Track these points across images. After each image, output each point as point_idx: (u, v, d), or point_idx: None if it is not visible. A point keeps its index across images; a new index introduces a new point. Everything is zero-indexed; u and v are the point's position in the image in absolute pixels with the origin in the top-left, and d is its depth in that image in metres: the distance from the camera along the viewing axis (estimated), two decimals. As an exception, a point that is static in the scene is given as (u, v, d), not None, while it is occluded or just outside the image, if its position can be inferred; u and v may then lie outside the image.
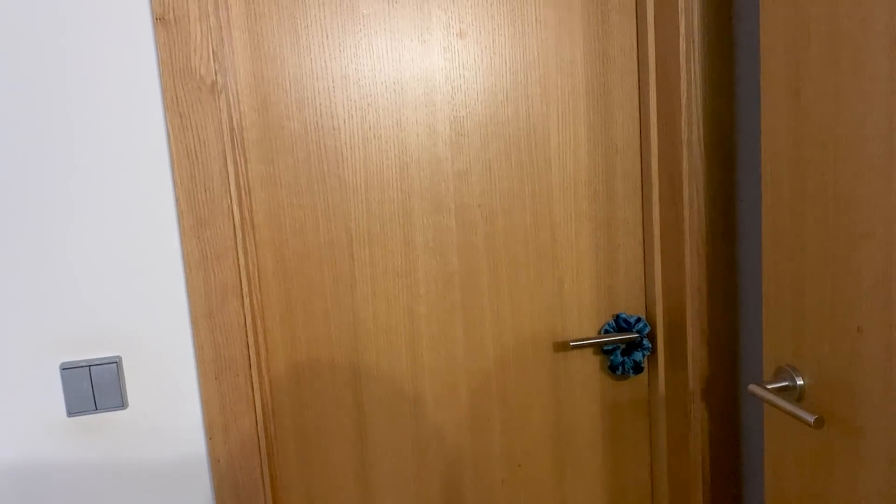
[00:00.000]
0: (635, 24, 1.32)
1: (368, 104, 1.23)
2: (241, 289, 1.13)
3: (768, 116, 1.01)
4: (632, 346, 1.37)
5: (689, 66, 1.22)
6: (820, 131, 0.91)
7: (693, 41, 1.22)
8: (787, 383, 1.01)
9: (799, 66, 0.94)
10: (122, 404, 1.11)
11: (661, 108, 1.29)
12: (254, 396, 1.15)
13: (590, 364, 1.40)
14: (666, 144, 1.29)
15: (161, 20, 1.05)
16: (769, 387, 1.01)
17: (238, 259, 1.12)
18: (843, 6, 0.86)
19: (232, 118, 1.15)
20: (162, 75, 1.06)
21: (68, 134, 1.05)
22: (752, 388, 1.01)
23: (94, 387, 1.09)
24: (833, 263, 0.92)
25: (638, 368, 1.37)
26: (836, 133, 0.89)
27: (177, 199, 1.09)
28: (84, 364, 1.09)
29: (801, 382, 1.00)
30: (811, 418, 0.91)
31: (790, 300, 1.00)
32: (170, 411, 1.14)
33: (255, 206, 1.20)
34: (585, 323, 1.38)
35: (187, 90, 1.07)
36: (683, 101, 1.23)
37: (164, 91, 1.06)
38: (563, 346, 1.38)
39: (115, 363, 1.10)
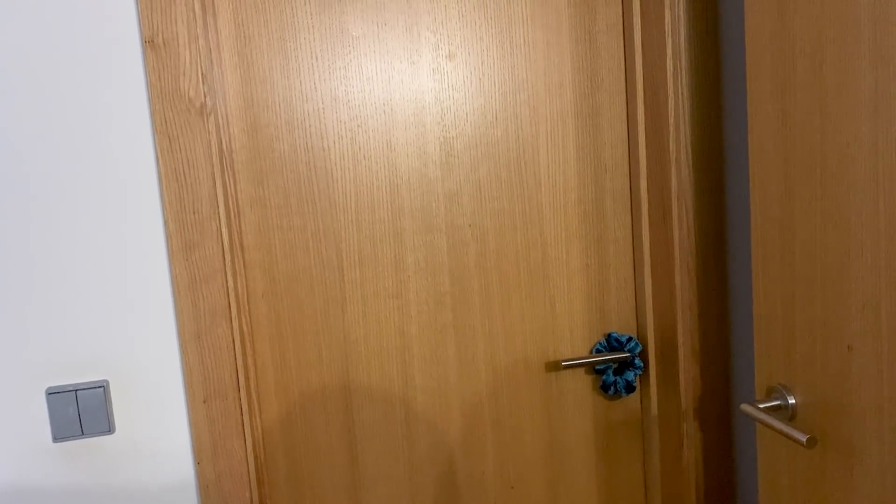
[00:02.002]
0: (623, 46, 1.33)
1: (358, 125, 1.23)
2: (230, 311, 1.12)
3: (756, 137, 1.01)
4: (624, 365, 1.37)
5: (676, 86, 1.23)
6: (807, 151, 0.92)
7: (680, 62, 1.23)
8: (778, 402, 1.01)
9: (785, 86, 0.95)
10: (109, 429, 1.09)
11: (650, 128, 1.30)
12: (243, 420, 1.14)
13: (582, 384, 1.39)
14: (654, 164, 1.30)
15: (150, 43, 1.05)
16: (761, 406, 1.01)
17: (227, 281, 1.11)
18: (828, 28, 0.87)
19: (221, 140, 1.15)
20: (151, 98, 1.06)
21: (56, 156, 1.05)
22: (744, 407, 1.01)
23: (81, 411, 1.07)
24: (822, 283, 0.92)
25: (630, 388, 1.36)
26: (823, 153, 0.89)
27: (165, 222, 1.08)
28: (70, 388, 1.07)
29: (793, 401, 0.99)
30: (803, 438, 0.91)
31: (781, 319, 1.00)
32: (158, 436, 1.12)
33: (245, 228, 1.20)
34: (577, 342, 1.38)
35: (176, 113, 1.07)
36: (671, 121, 1.24)
37: (152, 114, 1.06)
38: (555, 366, 1.37)
39: (103, 387, 1.08)
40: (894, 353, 0.83)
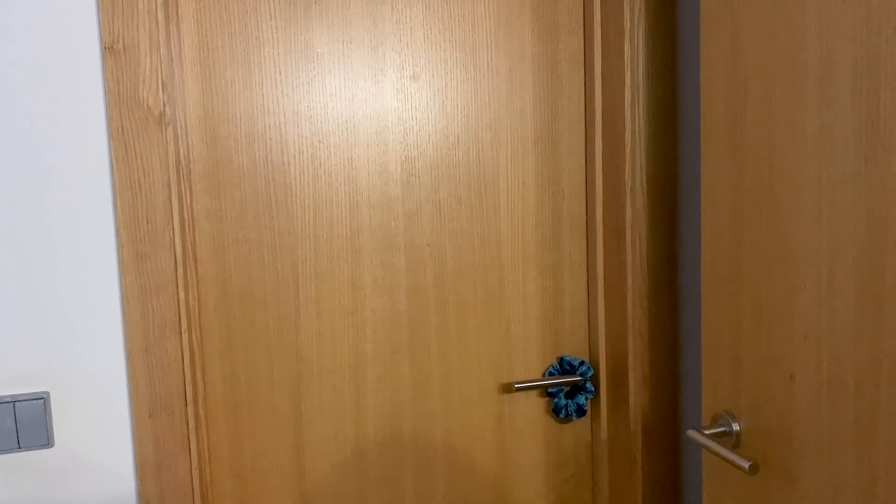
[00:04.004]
0: (583, 75, 1.36)
1: (320, 140, 1.23)
2: (181, 324, 1.10)
3: (708, 169, 1.04)
4: (575, 388, 1.38)
5: (634, 116, 1.27)
6: (756, 185, 0.95)
7: (638, 93, 1.27)
8: (724, 429, 1.03)
9: (737, 121, 0.98)
10: (48, 443, 1.06)
11: (607, 157, 1.33)
12: (189, 436, 1.11)
13: (534, 407, 1.40)
14: (610, 192, 1.32)
15: (110, 49, 1.03)
16: (707, 432, 1.03)
17: (178, 294, 1.09)
18: (777, 67, 0.90)
19: (179, 150, 1.14)
20: (108, 105, 1.04)
21: (4, 157, 1.02)
22: (691, 433, 1.03)
23: (19, 423, 1.03)
24: (768, 313, 0.95)
25: (581, 411, 1.38)
26: (772, 187, 0.93)
27: (117, 231, 1.06)
28: (8, 399, 1.03)
29: (738, 428, 1.02)
30: (746, 464, 0.93)
31: (728, 347, 1.03)
32: (99, 450, 1.09)
33: (199, 240, 1.18)
34: (531, 365, 1.39)
35: (134, 120, 1.05)
36: (628, 150, 1.27)
37: (109, 120, 1.04)
38: (508, 388, 1.38)
39: (43, 399, 1.05)
40: (833, 383, 0.85)
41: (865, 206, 0.79)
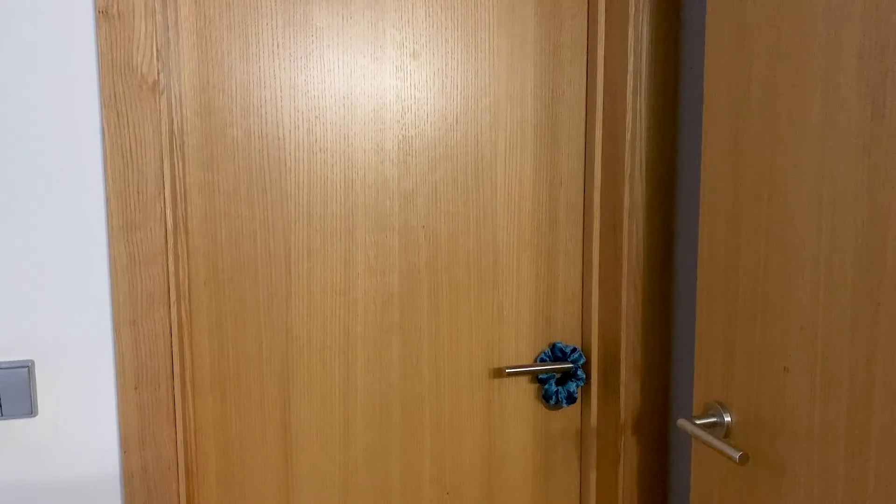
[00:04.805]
0: (585, 60, 1.34)
1: (316, 116, 1.21)
2: (170, 297, 1.08)
3: (708, 157, 1.03)
4: (566, 376, 1.38)
5: (635, 103, 1.25)
6: (756, 175, 0.94)
7: (640, 79, 1.25)
8: (715, 419, 1.03)
9: (739, 110, 0.97)
10: (31, 412, 1.04)
11: (606, 143, 1.31)
12: (175, 410, 1.10)
13: (524, 392, 1.39)
14: (609, 179, 1.31)
15: (104, 13, 1.01)
16: (698, 422, 1.02)
17: (168, 266, 1.08)
18: (783, 55, 0.89)
19: (173, 120, 1.12)
20: (101, 70, 1.02)
21: (-6, 123, 1.00)
22: (681, 422, 1.02)
23: (2, 391, 1.02)
24: (764, 304, 0.94)
25: (571, 399, 1.37)
26: (772, 177, 0.92)
27: (107, 200, 1.04)
28: (-8, 367, 1.02)
29: (729, 419, 1.01)
30: (736, 454, 0.92)
31: (721, 338, 1.02)
32: (83, 421, 1.07)
33: (191, 213, 1.16)
34: (522, 351, 1.38)
35: (127, 87, 1.03)
36: (628, 137, 1.26)
37: (101, 86, 1.02)
38: (498, 373, 1.37)
39: (27, 367, 1.03)
40: (827, 375, 0.85)
41: (867, 197, 0.78)
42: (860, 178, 0.79)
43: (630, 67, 1.25)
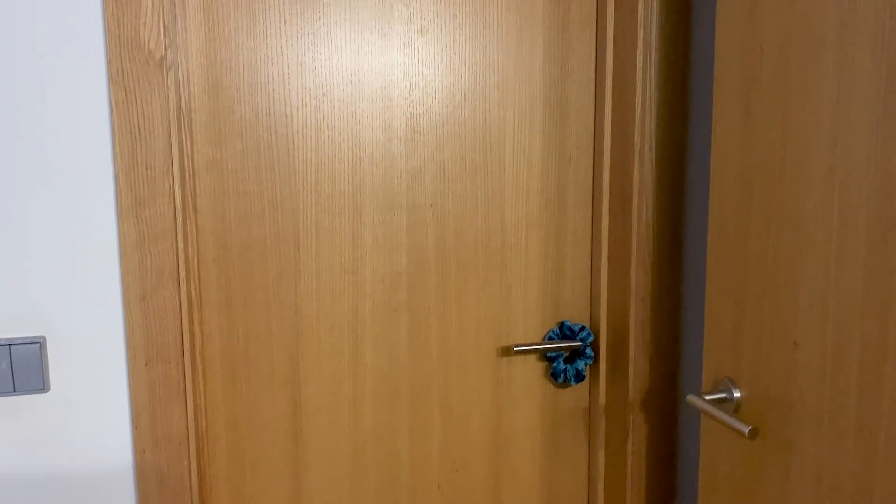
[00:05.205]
0: (595, 36, 1.33)
1: (324, 94, 1.21)
2: (179, 274, 1.08)
3: (719, 132, 1.02)
4: (575, 354, 1.38)
5: (645, 79, 1.24)
6: (768, 148, 0.93)
7: (650, 56, 1.24)
8: (724, 395, 1.02)
9: (751, 83, 0.96)
10: (43, 387, 1.05)
11: (616, 121, 1.30)
12: (185, 386, 1.11)
13: (532, 371, 1.40)
14: (618, 156, 1.30)
15: (111, -11, 1.00)
16: (707, 398, 1.02)
17: (177, 243, 1.08)
18: (795, 27, 0.88)
19: (180, 97, 1.11)
20: (108, 46, 1.01)
21: (2, 99, 1.00)
22: (691, 398, 1.02)
23: (14, 367, 1.03)
24: (774, 279, 0.93)
25: (580, 377, 1.37)
26: (783, 150, 0.91)
27: (116, 176, 1.04)
28: (4, 343, 1.03)
29: (738, 395, 1.01)
30: (746, 429, 0.92)
31: (731, 314, 1.02)
32: (94, 397, 1.08)
33: (199, 190, 1.16)
34: (530, 329, 1.38)
35: (134, 64, 1.03)
36: (637, 114, 1.25)
37: (109, 63, 1.02)
38: (506, 351, 1.37)
39: (39, 343, 1.04)
40: (838, 350, 0.84)
41: (880, 171, 0.77)
42: (873, 152, 0.78)
43: (640, 43, 1.24)
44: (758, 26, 0.94)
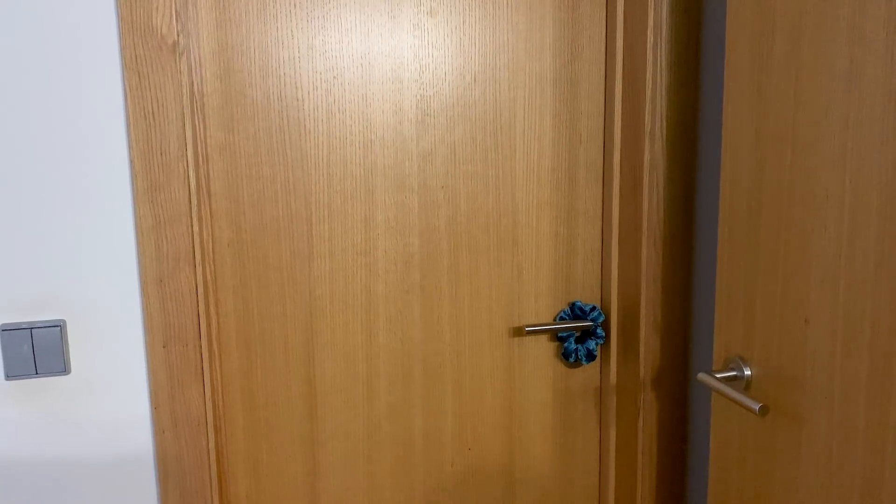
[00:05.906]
0: (605, 15, 1.33)
1: (334, 77, 1.21)
2: (195, 257, 1.10)
3: (730, 109, 1.02)
4: (586, 334, 1.39)
5: (655, 58, 1.23)
6: (780, 126, 0.93)
7: (661, 34, 1.23)
8: (735, 373, 1.03)
9: (762, 60, 0.95)
10: (64, 369, 1.07)
11: (626, 100, 1.30)
12: (202, 367, 1.13)
13: (544, 350, 1.41)
14: (629, 136, 1.30)
15: (122, -26, 1.01)
16: (718, 376, 1.03)
17: (192, 226, 1.09)
18: (807, 4, 0.87)
19: (193, 82, 1.12)
20: (121, 32, 1.02)
21: (18, 86, 1.01)
22: (701, 376, 1.03)
23: (36, 350, 1.05)
24: (785, 256, 0.94)
25: (591, 356, 1.38)
26: (795, 128, 0.91)
27: (131, 161, 1.05)
28: (25, 326, 1.05)
29: (749, 373, 1.02)
30: (756, 406, 0.93)
31: (742, 291, 1.02)
32: (114, 378, 1.10)
33: (213, 174, 1.18)
34: (542, 309, 1.39)
35: (147, 49, 1.04)
36: (648, 93, 1.24)
37: (122, 49, 1.03)
38: (518, 332, 1.38)
39: (59, 327, 1.06)
40: (849, 327, 0.85)
41: (893, 149, 0.77)
42: (886, 129, 0.78)
43: (650, 21, 1.23)
44: (769, 3, 0.93)
